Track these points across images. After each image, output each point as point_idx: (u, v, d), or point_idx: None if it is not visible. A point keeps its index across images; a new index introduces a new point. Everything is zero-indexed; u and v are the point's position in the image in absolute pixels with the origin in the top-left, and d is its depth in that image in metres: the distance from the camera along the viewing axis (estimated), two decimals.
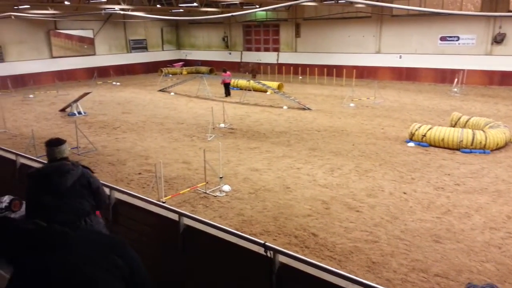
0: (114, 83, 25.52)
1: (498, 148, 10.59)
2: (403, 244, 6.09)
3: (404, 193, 8.01)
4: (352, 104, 17.15)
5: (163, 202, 7.09)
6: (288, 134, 12.68)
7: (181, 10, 25.88)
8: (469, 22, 21.51)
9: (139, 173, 9.34)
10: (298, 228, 6.65)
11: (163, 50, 33.35)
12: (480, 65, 21.68)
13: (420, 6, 21.93)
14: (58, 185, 3.24)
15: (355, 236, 6.35)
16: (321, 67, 25.51)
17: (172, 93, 21.11)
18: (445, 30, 22.55)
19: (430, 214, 7.08)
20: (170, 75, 28.63)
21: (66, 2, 21.46)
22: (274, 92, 18.83)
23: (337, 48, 26.31)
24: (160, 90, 21.96)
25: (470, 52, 22.02)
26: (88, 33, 27.99)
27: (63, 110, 16.72)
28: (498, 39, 21.09)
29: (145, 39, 31.77)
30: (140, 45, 31.47)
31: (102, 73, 27.67)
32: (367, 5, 18.09)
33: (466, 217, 6.96)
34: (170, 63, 31.97)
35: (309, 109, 16.40)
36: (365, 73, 25.24)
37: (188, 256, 4.01)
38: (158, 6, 24.77)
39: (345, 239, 6.26)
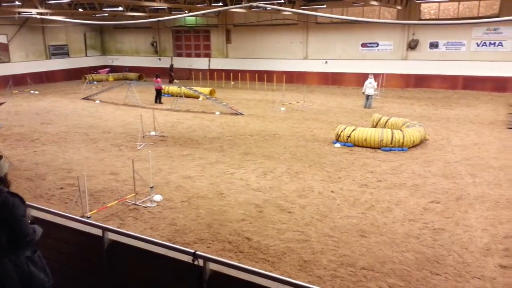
0: (32, 91, 23.66)
1: (415, 146, 11.50)
2: (332, 241, 6.35)
3: (332, 192, 8.37)
4: (283, 108, 17.61)
5: (88, 218, 6.72)
6: (221, 140, 12.67)
7: (105, 14, 24.81)
8: (386, 30, 23.27)
9: (61, 188, 8.72)
10: (232, 233, 6.64)
11: (86, 56, 31.72)
12: (397, 69, 23.54)
13: (342, 15, 23.27)
14: None
15: (287, 237, 6.49)
16: (252, 73, 25.92)
17: (97, 101, 20.09)
18: (365, 37, 24.13)
19: (355, 210, 7.46)
20: (95, 82, 27.25)
21: None
22: (206, 98, 18.73)
23: (267, 54, 26.93)
24: (84, 98, 20.79)
25: (388, 57, 23.82)
26: (1, 39, 25.73)
27: None
28: (412, 45, 23.06)
29: (66, 45, 29.98)
30: (61, 51, 29.62)
31: (18, 81, 25.54)
32: (293, 12, 18.76)
33: (387, 211, 7.44)
34: (94, 69, 30.47)
35: (241, 114, 16.54)
36: (294, 78, 26.10)
37: (114, 272, 3.81)
38: (80, 10, 23.45)
39: (278, 241, 6.37)
